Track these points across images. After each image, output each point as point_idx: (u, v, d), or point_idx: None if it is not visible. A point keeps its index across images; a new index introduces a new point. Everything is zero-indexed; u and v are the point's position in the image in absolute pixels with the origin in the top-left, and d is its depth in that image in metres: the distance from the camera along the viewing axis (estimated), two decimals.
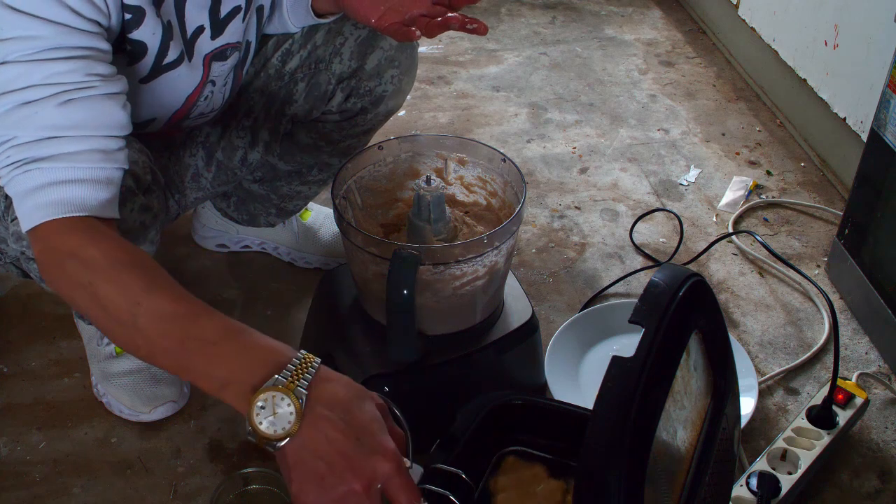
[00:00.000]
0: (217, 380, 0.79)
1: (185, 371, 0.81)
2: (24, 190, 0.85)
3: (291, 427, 0.75)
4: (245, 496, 1.12)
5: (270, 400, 0.75)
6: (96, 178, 0.87)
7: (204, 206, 1.53)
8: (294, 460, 0.76)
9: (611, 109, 2.04)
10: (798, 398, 1.32)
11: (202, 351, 0.80)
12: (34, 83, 0.84)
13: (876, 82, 1.51)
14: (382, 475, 0.76)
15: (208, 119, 1.24)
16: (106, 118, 0.88)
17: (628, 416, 0.69)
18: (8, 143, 0.85)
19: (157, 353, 0.82)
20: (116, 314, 0.82)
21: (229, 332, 0.81)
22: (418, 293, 1.07)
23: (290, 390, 0.75)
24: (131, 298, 0.81)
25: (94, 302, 0.82)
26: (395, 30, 1.08)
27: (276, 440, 0.75)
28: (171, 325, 0.81)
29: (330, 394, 0.78)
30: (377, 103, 1.29)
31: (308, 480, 0.75)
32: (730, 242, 1.62)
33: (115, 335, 0.85)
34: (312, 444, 0.76)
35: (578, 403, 1.02)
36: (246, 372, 0.78)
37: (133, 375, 1.27)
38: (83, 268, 0.83)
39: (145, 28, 0.98)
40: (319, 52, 1.24)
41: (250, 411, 0.75)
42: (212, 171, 1.32)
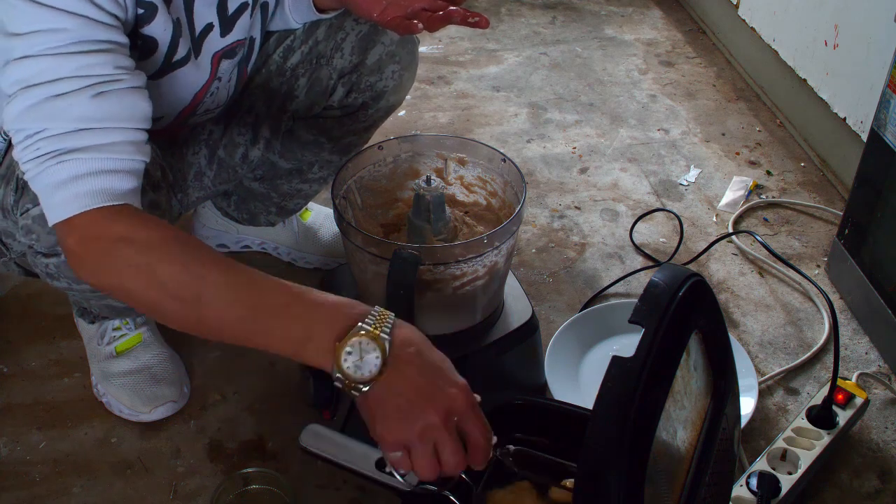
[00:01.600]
0: (295, 339, 0.81)
1: (258, 337, 0.82)
2: (58, 180, 0.84)
3: (377, 370, 0.79)
4: (245, 496, 1.12)
5: (357, 346, 0.79)
6: (129, 168, 0.87)
7: (204, 206, 1.53)
8: (377, 401, 0.80)
9: (611, 109, 2.04)
10: (798, 398, 1.32)
11: (275, 314, 0.82)
12: (64, 76, 0.84)
13: (876, 82, 1.50)
14: (458, 408, 0.80)
15: (213, 115, 1.24)
16: (135, 110, 0.88)
17: (628, 416, 0.69)
18: (38, 134, 0.84)
19: (227, 324, 0.83)
20: (179, 292, 0.82)
21: (297, 293, 0.83)
22: (418, 293, 1.07)
23: (375, 336, 0.79)
24: (194, 273, 0.82)
25: (153, 283, 0.82)
26: (397, 23, 1.08)
27: (363, 383, 0.79)
28: (239, 294, 0.83)
29: (407, 339, 0.82)
30: (378, 98, 1.29)
31: (391, 417, 0.79)
32: (730, 242, 1.62)
33: (175, 314, 0.84)
34: (396, 385, 0.80)
35: (578, 403, 1.01)
36: (324, 327, 0.81)
37: (133, 375, 1.27)
38: (137, 251, 0.83)
39: (157, 24, 0.98)
40: (321, 47, 1.24)
41: (338, 357, 0.79)
42: (213, 168, 1.32)
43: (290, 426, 1.24)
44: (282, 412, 1.29)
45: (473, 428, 0.81)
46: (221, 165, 1.32)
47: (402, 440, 0.79)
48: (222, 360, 1.37)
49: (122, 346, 1.29)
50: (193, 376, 1.34)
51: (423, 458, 0.79)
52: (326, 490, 1.18)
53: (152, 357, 1.30)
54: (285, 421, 1.27)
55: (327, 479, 1.19)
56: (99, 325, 1.30)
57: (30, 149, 0.85)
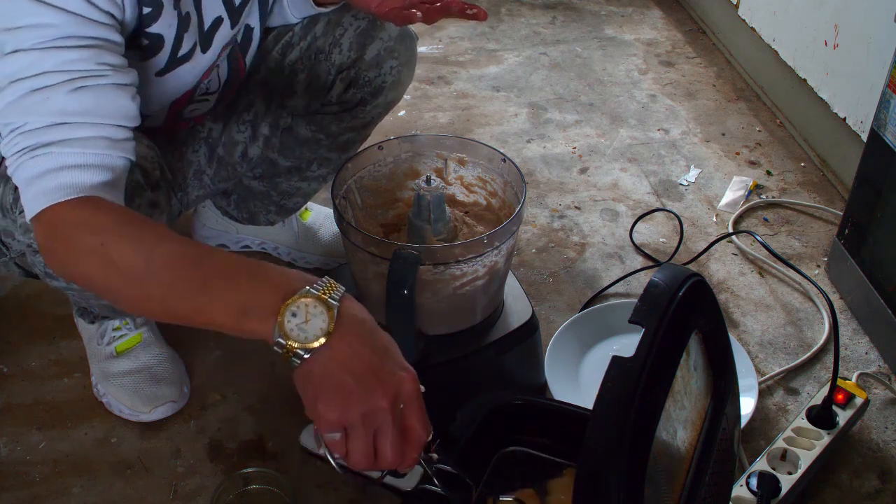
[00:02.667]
0: (238, 307, 0.76)
1: (203, 309, 0.78)
2: (31, 175, 0.84)
3: (322, 336, 0.73)
4: (245, 496, 1.12)
5: (303, 307, 0.74)
6: (100, 163, 0.87)
7: (204, 206, 1.53)
8: (321, 373, 0.74)
9: (611, 109, 2.04)
10: (798, 398, 1.32)
11: (220, 284, 0.78)
12: (46, 70, 0.84)
13: (876, 82, 1.50)
14: (406, 394, 0.75)
15: (208, 104, 1.23)
16: (115, 107, 0.88)
17: (628, 416, 0.69)
18: (18, 129, 0.85)
19: (173, 298, 0.80)
20: (129, 268, 0.80)
21: (246, 264, 0.79)
22: (418, 293, 1.07)
23: (323, 300, 0.74)
24: (144, 249, 0.80)
25: (106, 262, 0.81)
26: (395, 15, 1.08)
27: (305, 350, 0.73)
28: (186, 269, 0.79)
29: (356, 313, 0.77)
30: (376, 94, 1.29)
31: (335, 394, 0.73)
32: (730, 242, 1.62)
33: (127, 295, 0.83)
34: (342, 357, 0.74)
35: (578, 403, 1.02)
36: (269, 291, 0.76)
37: (133, 375, 1.27)
38: (92, 233, 0.82)
39: (162, 21, 0.98)
40: (319, 42, 1.24)
41: (282, 318, 0.73)
42: (213, 167, 1.32)
43: (290, 426, 1.24)
44: (282, 412, 1.29)
45: (416, 420, 0.76)
46: (221, 163, 1.32)
47: (343, 421, 0.74)
48: (222, 360, 1.37)
49: (122, 345, 1.29)
50: (193, 376, 1.34)
51: (361, 443, 0.74)
52: (326, 490, 1.18)
53: (152, 357, 1.30)
54: (285, 421, 1.27)
55: (327, 479, 1.19)
56: (99, 324, 1.30)
57: (11, 143, 0.85)
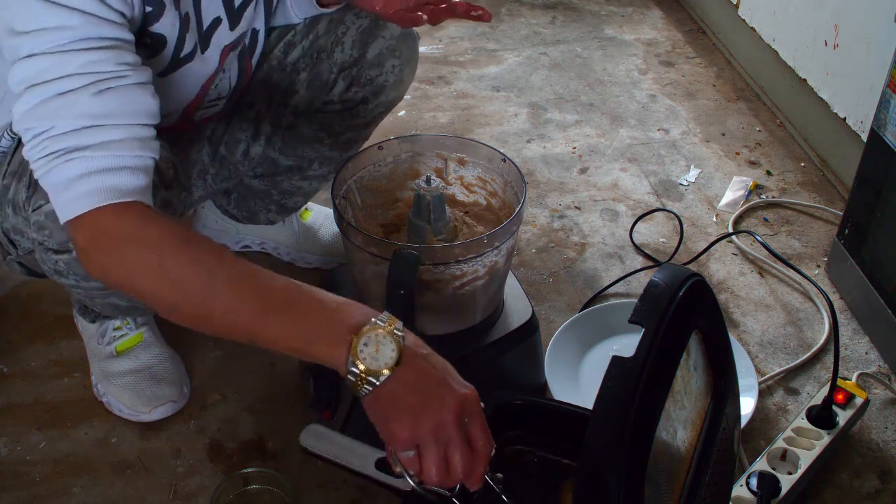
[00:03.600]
0: (305, 335, 0.81)
1: (268, 333, 0.82)
2: (65, 179, 0.84)
3: (393, 364, 0.79)
4: (245, 496, 1.12)
5: (374, 338, 0.79)
6: (136, 165, 0.87)
7: (204, 207, 1.53)
8: (391, 396, 0.79)
9: (611, 109, 2.04)
10: (798, 398, 1.32)
11: (285, 310, 0.82)
12: (68, 73, 0.84)
13: (876, 82, 1.50)
14: (469, 409, 0.81)
15: (217, 108, 1.23)
16: (139, 106, 0.88)
17: (628, 416, 0.69)
18: (44, 133, 0.84)
19: (237, 321, 0.83)
20: (190, 287, 0.82)
21: (307, 291, 0.84)
22: (418, 293, 1.07)
23: (390, 332, 0.80)
24: (205, 270, 0.82)
25: (163, 280, 0.83)
26: (400, 16, 1.08)
27: (377, 376, 0.79)
28: (249, 292, 0.83)
29: (418, 341, 0.84)
30: (378, 93, 1.29)
31: (405, 414, 0.79)
32: (730, 242, 1.62)
33: (186, 312, 0.84)
34: (409, 380, 0.80)
35: (578, 403, 1.02)
36: (337, 322, 0.81)
37: (133, 375, 1.27)
38: (148, 248, 0.83)
39: (165, 21, 0.98)
40: (321, 41, 1.24)
41: (354, 348, 0.79)
42: (216, 166, 1.32)
43: (290, 426, 1.24)
44: (282, 412, 1.29)
45: (480, 433, 0.81)
46: (223, 162, 1.32)
47: (415, 438, 0.79)
48: (222, 360, 1.37)
49: (123, 345, 1.29)
50: (193, 376, 1.34)
51: (434, 458, 0.79)
52: (326, 490, 1.18)
53: (152, 357, 1.30)
54: (285, 421, 1.27)
55: (327, 479, 1.19)
56: (99, 324, 1.30)
57: (37, 148, 0.85)
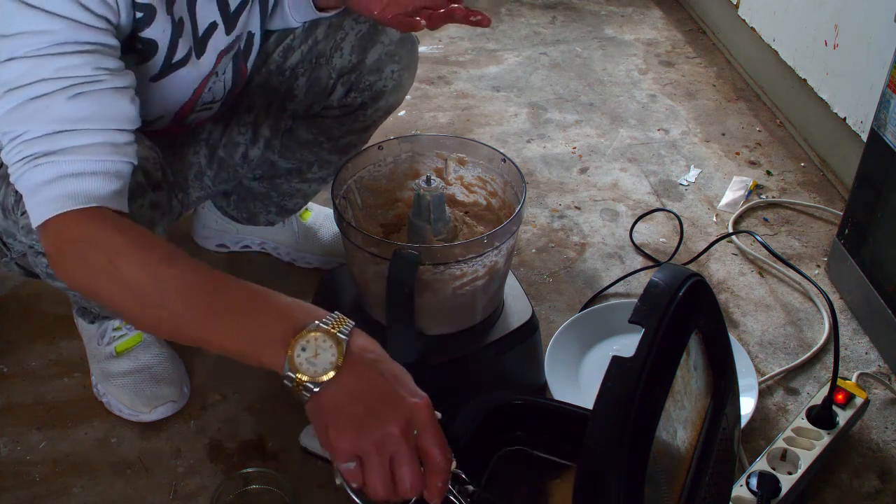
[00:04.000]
0: (247, 337, 0.78)
1: (213, 337, 0.80)
2: (35, 184, 0.84)
3: (331, 369, 0.75)
4: (245, 496, 1.12)
5: (313, 342, 0.76)
6: (106, 170, 0.87)
7: (204, 207, 1.53)
8: (331, 404, 0.75)
9: (611, 109, 2.04)
10: (798, 398, 1.32)
11: (231, 314, 0.79)
12: (43, 77, 0.84)
13: (876, 82, 1.50)
14: (419, 420, 0.76)
15: (212, 112, 1.23)
16: (115, 111, 0.88)
17: (628, 416, 0.69)
18: (19, 138, 0.85)
19: (184, 324, 0.81)
20: (139, 291, 0.81)
21: (256, 294, 0.81)
22: (418, 293, 1.07)
23: (332, 335, 0.76)
24: (154, 273, 0.81)
25: (116, 282, 0.82)
26: (398, 21, 1.07)
27: (315, 383, 0.75)
28: (197, 295, 0.81)
29: (366, 345, 0.79)
30: (377, 98, 1.29)
31: (345, 424, 0.75)
32: (730, 242, 1.62)
33: (138, 314, 0.84)
34: (352, 387, 0.76)
35: (578, 403, 1.02)
36: (279, 324, 0.78)
37: (133, 375, 1.27)
38: (103, 251, 0.83)
39: (156, 26, 0.98)
40: (320, 46, 1.24)
41: (291, 352, 0.75)
42: (213, 168, 1.32)
43: (290, 426, 1.24)
44: (282, 412, 1.29)
45: (433, 446, 0.76)
46: (221, 165, 1.32)
47: (355, 450, 0.74)
48: (222, 360, 1.35)
49: (122, 345, 1.29)
50: (193, 376, 1.34)
51: (377, 471, 0.74)
52: (326, 490, 1.18)
53: (152, 357, 1.30)
54: (285, 421, 1.27)
55: (327, 479, 1.19)
56: (99, 324, 1.30)
57: (13, 152, 0.85)
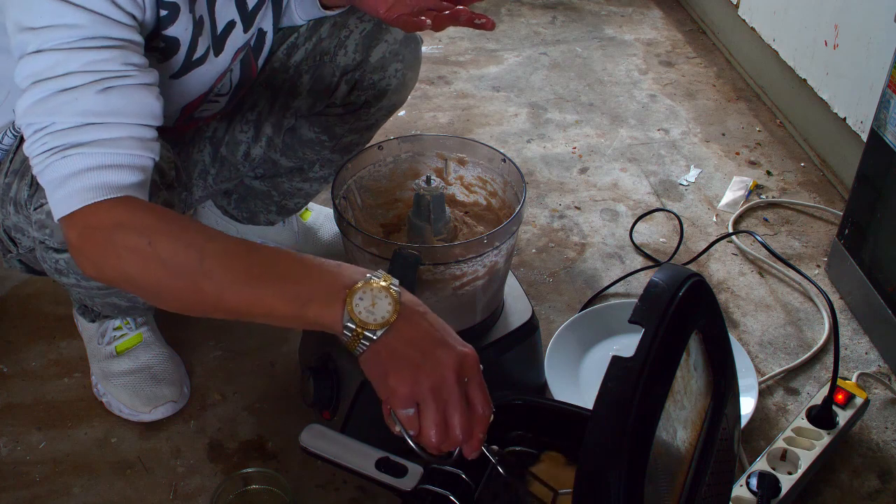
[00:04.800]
0: (299, 296, 0.80)
1: (261, 301, 0.81)
2: (62, 175, 0.84)
3: (390, 317, 0.78)
4: (245, 496, 1.12)
5: (369, 292, 0.78)
6: (133, 164, 0.87)
7: (204, 207, 1.53)
8: (390, 351, 0.78)
9: (611, 109, 2.04)
10: (798, 398, 1.32)
11: (276, 276, 0.81)
12: (73, 70, 0.84)
13: (876, 82, 1.50)
14: (470, 368, 0.79)
15: (218, 106, 1.23)
16: (142, 107, 0.88)
17: (628, 416, 0.69)
18: (45, 129, 0.84)
19: (228, 293, 0.82)
20: (178, 267, 0.82)
21: (300, 258, 0.83)
22: (418, 293, 1.07)
23: (386, 287, 0.79)
24: (192, 246, 0.82)
25: (152, 262, 0.82)
26: (404, 21, 1.07)
27: (375, 329, 0.78)
28: (242, 262, 0.82)
29: (414, 298, 0.82)
30: (380, 97, 1.29)
31: (404, 369, 0.77)
32: (730, 242, 1.62)
33: (176, 291, 0.84)
34: (408, 335, 0.79)
35: (578, 403, 1.02)
36: (331, 280, 0.80)
37: (133, 375, 1.27)
38: (138, 233, 0.83)
39: (179, 24, 0.98)
40: (324, 44, 1.24)
41: (350, 301, 0.78)
42: (216, 166, 1.32)
43: (290, 426, 1.24)
44: (282, 412, 1.29)
45: (479, 394, 0.80)
46: (224, 163, 1.32)
47: (415, 395, 0.77)
48: (222, 360, 1.37)
49: (123, 345, 1.29)
50: (193, 376, 1.34)
51: (434, 416, 0.77)
52: (326, 490, 1.18)
53: (152, 357, 1.30)
54: (285, 421, 1.27)
55: (327, 479, 1.19)
56: (99, 324, 1.30)
57: (37, 143, 0.85)
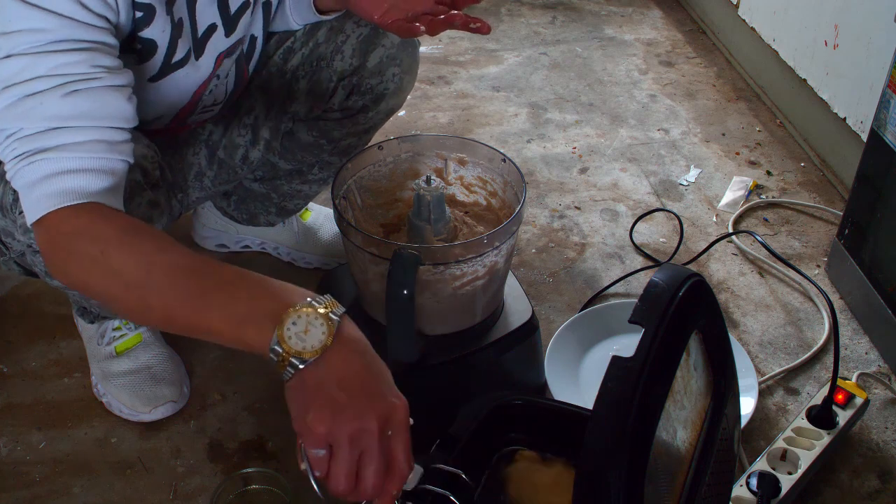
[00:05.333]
0: (237, 317, 0.77)
1: (201, 320, 0.79)
2: (30, 181, 0.85)
3: (320, 348, 0.74)
4: (245, 496, 1.12)
5: (304, 317, 0.74)
6: (100, 167, 0.87)
7: (204, 206, 1.53)
8: (315, 384, 0.75)
9: (611, 109, 2.04)
10: (798, 398, 1.32)
11: (221, 294, 0.79)
12: (39, 74, 0.84)
13: (876, 82, 1.50)
14: (396, 421, 0.75)
15: (213, 113, 1.23)
16: (110, 109, 0.88)
17: (628, 416, 0.69)
18: (14, 135, 0.85)
19: (173, 308, 0.80)
20: (130, 277, 0.81)
21: (247, 276, 0.81)
22: (418, 293, 1.07)
23: (324, 315, 0.75)
24: (145, 259, 0.81)
25: (107, 271, 0.82)
26: (399, 26, 1.07)
27: (302, 359, 0.74)
28: (187, 278, 0.80)
29: (355, 333, 0.78)
30: (378, 101, 1.29)
31: (325, 408, 0.74)
32: (730, 242, 1.62)
33: (129, 302, 0.83)
34: (338, 371, 0.75)
35: (578, 403, 1.02)
36: (269, 301, 0.77)
37: (133, 375, 1.27)
38: (94, 242, 0.83)
39: (155, 26, 0.98)
40: (321, 49, 1.24)
41: (282, 324, 0.74)
42: (213, 169, 1.32)
43: (290, 426, 1.24)
44: (282, 412, 1.27)
45: (401, 451, 0.76)
46: (221, 166, 1.32)
47: (330, 437, 0.74)
48: (222, 360, 1.37)
49: (122, 345, 1.29)
50: (193, 376, 1.34)
51: (345, 464, 0.74)
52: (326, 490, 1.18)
53: (152, 357, 1.30)
54: (285, 421, 1.25)
55: None
56: (99, 324, 1.30)
57: (8, 149, 0.85)
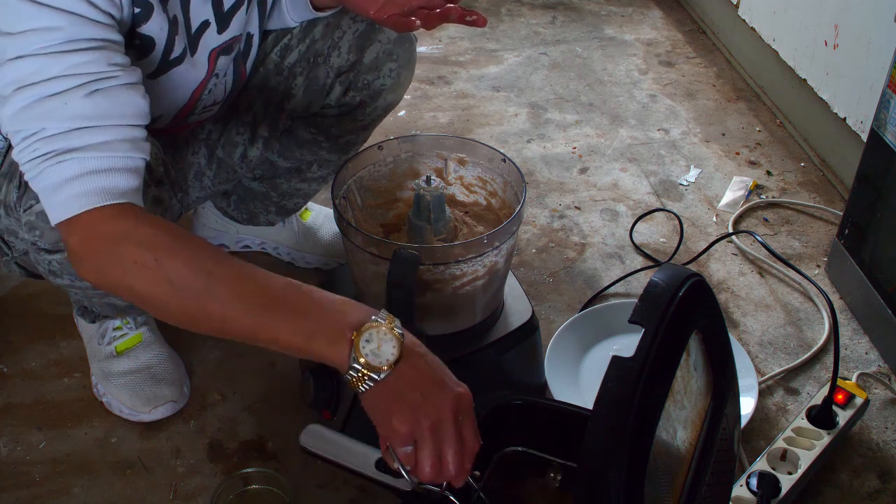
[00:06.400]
0: (305, 331, 0.82)
1: (266, 331, 0.83)
2: (58, 181, 0.84)
3: (394, 360, 0.81)
4: (245, 496, 1.12)
5: (376, 335, 0.82)
6: (128, 166, 0.87)
7: (204, 206, 1.53)
8: (392, 392, 0.82)
9: (611, 109, 2.04)
10: (798, 398, 1.32)
11: (284, 307, 0.83)
12: (57, 74, 0.84)
13: (876, 82, 1.50)
14: (465, 407, 0.83)
15: (212, 113, 1.23)
16: (130, 107, 0.88)
17: (628, 416, 0.69)
18: (35, 135, 0.84)
19: (234, 318, 0.83)
20: (187, 286, 0.83)
21: (305, 289, 0.85)
22: (418, 293, 1.07)
23: (391, 329, 0.82)
24: (200, 268, 0.83)
25: (158, 279, 0.83)
26: (395, 21, 1.07)
27: (378, 372, 0.81)
28: (246, 288, 0.84)
29: (413, 339, 0.86)
30: (375, 97, 1.29)
31: (406, 410, 0.81)
32: (730, 242, 1.62)
33: (181, 310, 0.85)
34: (410, 377, 0.82)
35: (578, 403, 1.02)
36: (337, 319, 0.83)
37: (133, 375, 1.27)
38: (142, 248, 0.83)
39: (153, 23, 0.98)
40: (318, 46, 1.24)
41: (357, 343, 0.81)
42: (213, 168, 1.32)
43: (290, 426, 1.24)
44: (282, 412, 1.29)
45: (470, 431, 0.83)
46: (221, 165, 1.32)
47: (415, 433, 0.81)
48: (222, 360, 1.37)
49: (123, 345, 1.29)
50: (193, 376, 1.34)
51: (430, 454, 0.81)
52: (326, 490, 1.18)
53: (152, 357, 1.30)
54: (285, 421, 1.27)
55: (327, 479, 1.19)
56: (99, 324, 1.30)
57: (28, 150, 0.85)
